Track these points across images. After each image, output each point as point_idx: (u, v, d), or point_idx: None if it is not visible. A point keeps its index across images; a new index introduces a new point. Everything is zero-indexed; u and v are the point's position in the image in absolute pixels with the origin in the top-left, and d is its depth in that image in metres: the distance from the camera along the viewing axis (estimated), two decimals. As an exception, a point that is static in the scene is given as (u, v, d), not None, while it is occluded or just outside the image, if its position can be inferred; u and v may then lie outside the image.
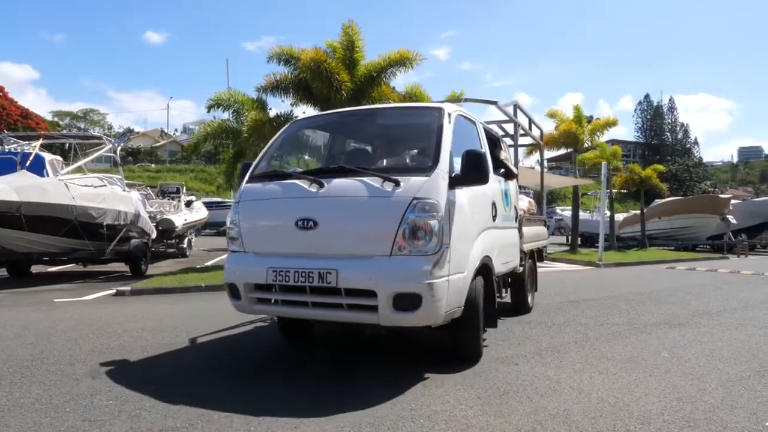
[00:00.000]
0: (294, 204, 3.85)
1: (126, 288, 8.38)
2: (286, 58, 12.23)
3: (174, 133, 69.14)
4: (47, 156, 10.85)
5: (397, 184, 3.63)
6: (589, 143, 19.91)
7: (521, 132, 8.21)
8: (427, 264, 3.49)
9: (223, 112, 14.28)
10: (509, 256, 5.31)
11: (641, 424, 2.94)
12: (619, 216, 25.74)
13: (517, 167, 6.52)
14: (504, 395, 3.41)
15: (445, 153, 3.83)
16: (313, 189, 3.83)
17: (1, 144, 11.35)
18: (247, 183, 4.26)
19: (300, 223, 3.74)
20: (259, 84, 12.48)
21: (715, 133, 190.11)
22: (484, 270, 4.25)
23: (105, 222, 9.95)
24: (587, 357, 4.43)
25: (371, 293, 3.52)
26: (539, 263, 7.85)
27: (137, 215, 11.19)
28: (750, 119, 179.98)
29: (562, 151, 20.64)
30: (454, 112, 4.30)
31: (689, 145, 71.75)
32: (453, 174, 3.80)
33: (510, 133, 7.98)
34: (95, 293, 8.30)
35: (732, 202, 22.63)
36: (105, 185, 10.83)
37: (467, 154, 3.86)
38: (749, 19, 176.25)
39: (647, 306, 7.29)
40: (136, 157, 52.35)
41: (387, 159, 4.64)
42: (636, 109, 75.29)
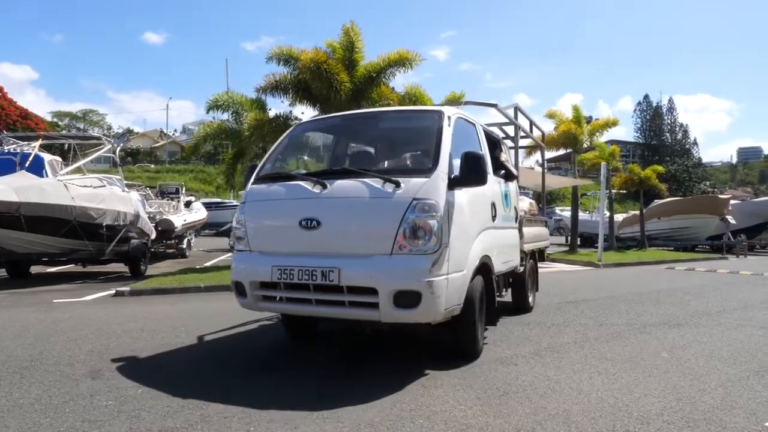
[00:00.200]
0: (298, 204, 3.93)
1: (125, 288, 8.37)
2: (285, 58, 12.25)
3: (173, 134, 69.23)
4: (46, 156, 10.85)
5: (398, 185, 3.70)
6: (589, 144, 19.92)
7: (522, 134, 8.21)
8: (427, 262, 3.56)
9: (223, 113, 14.33)
10: (509, 255, 5.35)
11: (641, 424, 2.95)
12: (619, 216, 25.78)
13: (518, 169, 6.54)
14: (503, 395, 3.42)
15: (445, 155, 3.89)
16: (317, 190, 3.90)
17: (1, 144, 11.34)
18: (253, 184, 4.35)
19: (304, 223, 3.83)
20: (259, 84, 12.53)
21: (715, 134, 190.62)
22: (483, 269, 4.32)
23: (104, 222, 9.93)
24: (587, 357, 4.43)
25: (372, 291, 3.60)
26: (540, 263, 7.87)
27: (137, 216, 11.17)
28: (749, 120, 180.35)
29: (561, 152, 20.64)
30: (453, 114, 4.35)
31: (688, 146, 71.97)
32: (452, 175, 3.86)
33: (511, 135, 7.98)
34: (95, 294, 8.29)
35: (731, 202, 22.61)
36: (104, 186, 10.81)
37: (466, 155, 3.90)
38: (749, 19, 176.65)
39: (646, 306, 7.29)
40: (135, 158, 52.42)
41: (388, 161, 4.74)
42: (635, 110, 75.68)
